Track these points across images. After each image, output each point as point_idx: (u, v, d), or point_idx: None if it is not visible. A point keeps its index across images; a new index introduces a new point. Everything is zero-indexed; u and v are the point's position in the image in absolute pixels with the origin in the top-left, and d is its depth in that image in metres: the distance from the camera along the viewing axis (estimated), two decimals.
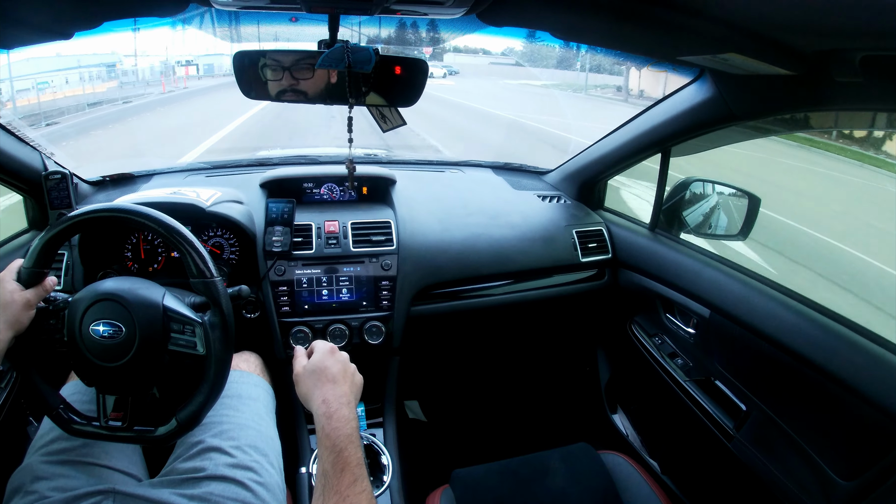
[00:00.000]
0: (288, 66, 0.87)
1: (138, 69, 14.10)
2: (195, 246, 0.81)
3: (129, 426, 0.81)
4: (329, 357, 0.83)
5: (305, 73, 0.88)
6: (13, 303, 0.77)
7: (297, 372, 0.83)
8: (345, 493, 0.65)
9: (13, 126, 1.22)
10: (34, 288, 0.80)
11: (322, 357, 0.82)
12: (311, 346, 0.88)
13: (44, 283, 0.81)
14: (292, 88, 0.90)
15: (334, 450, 0.69)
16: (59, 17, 0.81)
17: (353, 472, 0.67)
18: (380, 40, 9.02)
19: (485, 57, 22.72)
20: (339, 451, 0.69)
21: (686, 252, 1.37)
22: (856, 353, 0.92)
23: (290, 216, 1.32)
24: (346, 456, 0.69)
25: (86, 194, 1.45)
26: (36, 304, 0.80)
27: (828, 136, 5.83)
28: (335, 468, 0.68)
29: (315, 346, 0.87)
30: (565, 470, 1.16)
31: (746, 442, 1.11)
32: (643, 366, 1.47)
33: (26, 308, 0.78)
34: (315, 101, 0.91)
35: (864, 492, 0.89)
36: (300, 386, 0.82)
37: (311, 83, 0.89)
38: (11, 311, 0.76)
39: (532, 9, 0.82)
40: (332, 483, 0.66)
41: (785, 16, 0.65)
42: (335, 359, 0.83)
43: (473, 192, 1.66)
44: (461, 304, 1.43)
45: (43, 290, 0.81)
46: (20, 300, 0.77)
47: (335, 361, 0.82)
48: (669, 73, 1.27)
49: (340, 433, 0.71)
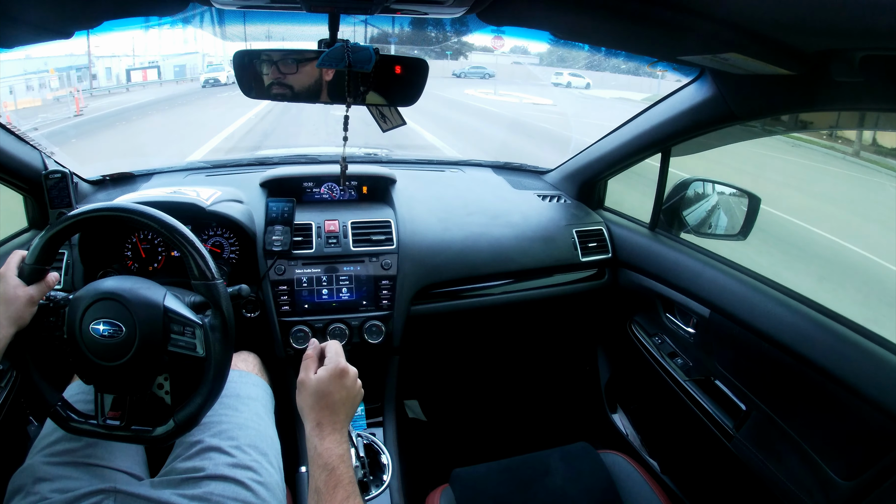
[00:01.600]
0: (288, 64, 0.87)
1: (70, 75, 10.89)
2: (196, 247, 0.81)
3: (127, 425, 0.81)
4: (336, 383, 0.78)
5: (305, 73, 0.88)
6: (16, 298, 0.77)
7: (302, 380, 0.79)
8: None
9: (12, 126, 1.22)
10: (37, 284, 0.80)
11: (330, 381, 0.77)
12: (324, 347, 0.83)
13: (46, 280, 0.81)
14: (292, 87, 0.89)
15: (326, 468, 0.70)
16: (59, 16, 0.81)
17: (345, 489, 0.68)
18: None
19: (517, 55, 18.42)
20: (332, 470, 0.70)
21: (686, 252, 1.37)
22: (855, 353, 0.92)
23: (290, 215, 1.32)
24: (338, 474, 0.69)
25: (86, 193, 1.45)
26: (38, 301, 0.80)
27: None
28: (328, 486, 0.68)
29: (327, 354, 0.82)
30: (565, 469, 1.16)
31: (746, 441, 1.11)
32: (643, 365, 1.47)
33: (29, 304, 0.78)
34: (315, 100, 0.91)
35: (864, 492, 0.89)
36: (300, 397, 0.79)
37: (311, 82, 0.89)
38: (15, 306, 0.77)
39: (532, 8, 0.82)
40: (326, 500, 0.67)
41: (785, 15, 0.65)
42: (341, 385, 0.78)
43: (473, 192, 1.66)
44: (461, 304, 1.43)
45: (46, 286, 0.81)
46: (23, 296, 0.77)
47: (340, 388, 0.77)
48: (669, 72, 1.27)
49: (332, 453, 0.71)
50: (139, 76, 13.10)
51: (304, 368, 0.81)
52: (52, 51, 10.62)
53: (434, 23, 8.06)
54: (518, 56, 18.46)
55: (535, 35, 0.97)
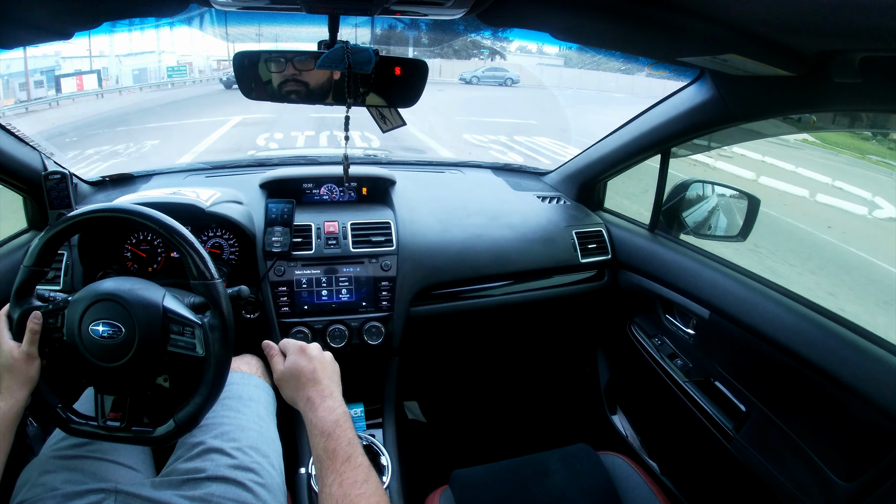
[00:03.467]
0: (288, 66, 0.87)
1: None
2: (195, 247, 0.81)
3: (127, 426, 0.81)
4: (301, 357, 0.81)
5: (305, 74, 0.88)
6: (16, 361, 0.77)
7: (277, 376, 0.82)
8: (340, 471, 0.67)
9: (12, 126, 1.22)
10: (27, 335, 0.78)
11: (294, 360, 0.81)
12: (281, 345, 0.86)
13: (30, 326, 0.79)
14: (292, 88, 0.90)
15: (323, 435, 0.71)
16: (59, 16, 0.81)
17: (344, 451, 0.69)
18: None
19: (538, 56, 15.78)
20: (328, 435, 0.71)
21: (686, 253, 1.37)
22: (855, 354, 0.92)
23: (289, 216, 1.32)
24: (335, 438, 0.71)
25: (85, 194, 1.45)
26: (37, 354, 0.79)
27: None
28: (327, 452, 0.70)
29: (285, 347, 0.85)
30: (565, 471, 1.16)
31: (746, 443, 1.11)
32: (643, 367, 1.47)
33: (30, 361, 0.78)
34: (315, 101, 0.91)
35: (864, 492, 0.89)
36: (284, 391, 0.82)
37: (310, 83, 0.89)
38: (18, 371, 0.77)
39: (532, 10, 0.82)
40: (328, 466, 0.68)
41: (785, 17, 0.65)
42: (307, 357, 0.81)
43: (473, 193, 1.66)
44: (461, 305, 1.43)
45: (32, 334, 0.79)
46: (20, 357, 0.77)
47: (308, 360, 0.80)
48: (669, 73, 1.27)
49: (327, 420, 0.73)
50: (71, 85, 9.15)
51: (274, 369, 0.84)
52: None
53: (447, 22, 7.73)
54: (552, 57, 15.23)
55: (535, 36, 0.97)
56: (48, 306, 0.82)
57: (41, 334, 0.80)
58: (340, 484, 0.66)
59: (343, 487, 0.65)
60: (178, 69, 12.32)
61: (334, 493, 0.65)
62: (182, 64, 12.48)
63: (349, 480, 0.66)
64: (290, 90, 0.90)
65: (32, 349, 0.79)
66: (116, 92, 10.90)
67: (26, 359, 0.78)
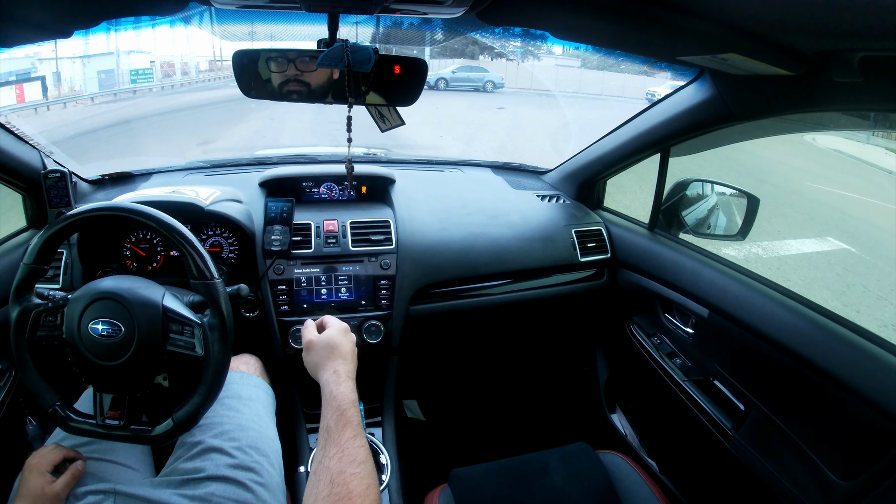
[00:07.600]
0: (287, 65, 0.87)
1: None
2: (195, 246, 0.81)
3: (126, 425, 0.81)
4: (344, 336, 0.88)
5: (305, 73, 0.88)
6: (44, 496, 0.78)
7: (311, 340, 0.86)
8: (344, 446, 0.68)
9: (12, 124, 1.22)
10: (66, 477, 0.80)
11: (338, 334, 0.87)
12: (322, 319, 0.93)
13: (72, 470, 0.82)
14: (291, 87, 0.89)
15: (339, 409, 0.74)
16: (59, 15, 0.80)
17: (353, 429, 0.71)
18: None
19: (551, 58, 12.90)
20: (344, 411, 0.73)
21: (685, 252, 1.37)
22: (854, 354, 0.92)
23: (289, 215, 1.32)
24: (349, 416, 0.73)
25: (85, 193, 1.45)
26: (65, 498, 0.80)
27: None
28: (338, 424, 0.71)
29: (328, 322, 0.91)
30: (564, 469, 1.16)
31: (745, 442, 1.11)
32: (642, 366, 1.47)
33: (55, 502, 0.79)
34: (314, 100, 0.91)
35: (863, 492, 0.89)
36: (311, 355, 0.85)
37: (310, 82, 0.89)
38: (41, 502, 0.78)
39: (531, 9, 0.82)
40: (334, 437, 0.70)
41: (784, 16, 0.65)
42: (348, 339, 0.88)
43: (472, 192, 1.66)
44: (460, 304, 1.43)
45: (72, 479, 0.81)
46: (49, 494, 0.78)
47: (349, 342, 0.87)
48: (669, 73, 1.27)
49: (346, 398, 0.75)
50: (8, 96, 7.10)
51: (305, 333, 0.89)
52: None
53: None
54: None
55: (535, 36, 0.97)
56: (47, 304, 0.82)
57: (39, 330, 0.80)
58: (340, 459, 0.67)
59: (342, 463, 0.66)
60: (143, 72, 10.22)
61: (332, 466, 0.66)
62: (148, 68, 10.39)
63: (349, 457, 0.67)
64: (291, 89, 0.90)
65: (63, 492, 0.80)
66: (61, 104, 8.66)
67: (53, 496, 0.78)
